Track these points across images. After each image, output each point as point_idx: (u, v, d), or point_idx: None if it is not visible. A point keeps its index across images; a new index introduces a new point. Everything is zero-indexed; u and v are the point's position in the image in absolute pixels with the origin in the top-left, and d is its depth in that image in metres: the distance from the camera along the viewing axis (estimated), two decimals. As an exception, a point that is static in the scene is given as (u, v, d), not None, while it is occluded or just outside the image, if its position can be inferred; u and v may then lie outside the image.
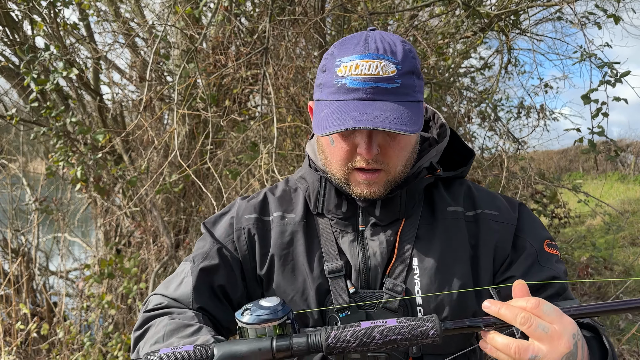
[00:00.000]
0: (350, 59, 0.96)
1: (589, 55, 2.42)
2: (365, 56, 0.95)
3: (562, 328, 0.75)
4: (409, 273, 1.03)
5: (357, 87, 0.94)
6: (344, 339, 0.79)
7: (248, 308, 0.85)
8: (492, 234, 1.06)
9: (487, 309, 0.78)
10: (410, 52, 0.99)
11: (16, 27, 3.40)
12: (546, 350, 0.74)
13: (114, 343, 3.25)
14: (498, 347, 0.76)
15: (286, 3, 2.86)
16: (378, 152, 0.97)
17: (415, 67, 1.00)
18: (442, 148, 1.12)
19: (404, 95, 0.95)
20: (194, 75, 2.85)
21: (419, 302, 1.01)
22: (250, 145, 3.00)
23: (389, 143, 0.98)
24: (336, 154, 1.01)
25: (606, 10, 2.70)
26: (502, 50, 3.52)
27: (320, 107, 1.00)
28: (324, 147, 1.05)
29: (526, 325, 0.74)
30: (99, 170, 3.36)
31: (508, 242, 1.06)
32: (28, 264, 4.11)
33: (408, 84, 0.97)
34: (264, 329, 0.84)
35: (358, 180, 1.01)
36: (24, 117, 3.70)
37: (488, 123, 4.27)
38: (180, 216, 3.86)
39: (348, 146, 0.98)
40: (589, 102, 2.49)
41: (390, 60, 0.95)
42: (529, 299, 0.77)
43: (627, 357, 3.85)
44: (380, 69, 0.94)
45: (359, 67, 0.94)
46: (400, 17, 3.46)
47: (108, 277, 3.45)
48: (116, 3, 3.75)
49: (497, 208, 1.10)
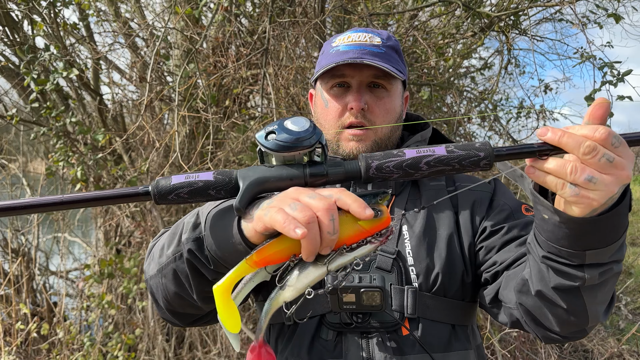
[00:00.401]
0: (343, 35, 1.19)
1: (589, 56, 2.42)
2: (356, 31, 1.19)
3: (626, 158, 0.70)
4: (400, 238, 1.10)
5: (349, 50, 1.12)
6: (387, 169, 0.73)
7: (272, 131, 0.72)
8: (470, 198, 1.15)
9: (543, 137, 0.71)
10: (393, 38, 1.20)
11: (16, 27, 3.40)
12: (606, 178, 0.68)
13: (114, 343, 3.25)
14: (550, 169, 0.70)
15: (286, 4, 2.86)
16: (366, 107, 1.11)
17: (398, 47, 1.20)
18: (427, 136, 1.24)
19: (388, 61, 1.12)
20: (194, 76, 2.85)
21: (411, 262, 1.07)
22: (251, 146, 3.00)
23: (376, 102, 1.13)
24: (330, 114, 1.15)
25: (607, 9, 2.70)
26: (502, 51, 3.52)
27: (318, 69, 1.17)
28: (319, 112, 1.19)
29: (590, 155, 0.67)
30: (99, 170, 3.36)
31: (485, 203, 1.15)
32: (28, 264, 4.11)
33: (392, 55, 1.15)
34: (292, 156, 0.73)
35: (347, 137, 1.13)
36: (24, 117, 3.69)
37: (488, 123, 4.27)
38: (180, 216, 3.86)
39: (340, 105, 1.14)
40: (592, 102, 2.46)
41: (376, 35, 1.17)
42: (597, 128, 0.68)
43: (627, 357, 3.85)
44: (368, 38, 1.16)
45: (351, 37, 1.17)
46: (400, 18, 3.46)
47: (108, 277, 3.45)
48: (116, 3, 3.75)
49: (474, 182, 1.20)
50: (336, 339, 1.04)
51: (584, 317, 0.86)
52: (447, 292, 1.07)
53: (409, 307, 1.03)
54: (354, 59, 1.08)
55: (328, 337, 1.04)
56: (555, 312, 0.88)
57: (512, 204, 1.14)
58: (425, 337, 1.03)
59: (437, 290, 1.06)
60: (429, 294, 1.05)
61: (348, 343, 1.03)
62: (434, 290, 1.06)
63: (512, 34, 3.16)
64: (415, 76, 3.21)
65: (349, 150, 1.13)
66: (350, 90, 1.14)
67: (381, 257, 1.06)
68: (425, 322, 1.04)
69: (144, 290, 3.44)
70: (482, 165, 0.72)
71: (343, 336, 1.04)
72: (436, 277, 1.06)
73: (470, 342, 1.10)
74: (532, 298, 0.90)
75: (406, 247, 1.08)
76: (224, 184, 0.73)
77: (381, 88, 1.14)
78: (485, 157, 0.72)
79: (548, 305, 0.88)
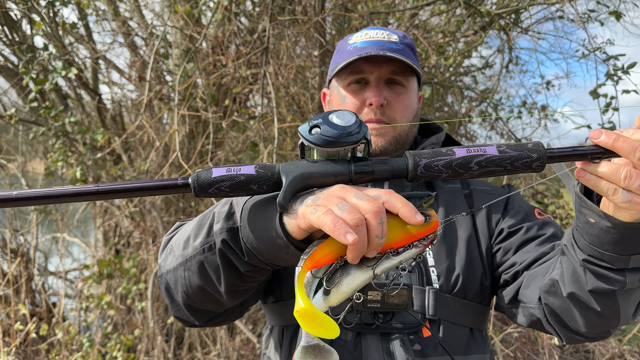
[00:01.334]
0: (360, 32, 1.18)
1: (594, 49, 2.39)
2: (373, 29, 1.18)
3: None
4: None
5: (367, 46, 1.11)
6: (436, 168, 0.69)
7: (317, 125, 0.69)
8: (486, 201, 1.14)
9: (596, 139, 0.68)
10: (408, 37, 1.20)
11: (15, 26, 3.38)
12: None
13: (113, 344, 3.24)
14: (604, 173, 0.68)
15: (286, 2, 2.84)
16: (385, 103, 1.10)
17: (413, 46, 1.19)
18: (441, 139, 1.23)
19: (407, 57, 1.12)
20: (193, 75, 2.83)
21: (431, 263, 1.06)
22: (251, 145, 2.98)
23: (395, 98, 1.12)
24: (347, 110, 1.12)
25: (608, 6, 2.69)
26: (503, 49, 3.51)
27: (334, 67, 1.17)
28: (335, 109, 1.12)
29: None
30: (98, 170, 3.34)
31: (500, 205, 1.15)
32: (27, 264, 4.09)
33: (408, 52, 1.15)
34: (337, 152, 0.71)
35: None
36: (23, 117, 3.68)
37: (489, 123, 4.25)
38: (179, 216, 3.85)
39: (358, 100, 1.12)
40: (597, 97, 2.42)
41: (393, 33, 1.17)
42: None
43: (628, 357, 3.83)
44: (385, 35, 1.15)
45: (368, 34, 1.15)
46: (401, 16, 3.45)
47: (107, 278, 3.44)
48: (115, 2, 3.73)
49: (489, 186, 1.22)
50: (355, 339, 1.02)
51: (616, 318, 0.87)
52: (466, 294, 1.06)
53: (430, 307, 1.02)
54: (377, 52, 1.08)
55: (347, 337, 1.02)
56: (586, 314, 0.88)
57: (526, 207, 1.15)
58: (446, 339, 1.02)
59: (457, 292, 1.05)
60: (450, 296, 1.05)
61: (368, 344, 1.01)
62: (455, 291, 1.05)
63: (514, 32, 3.15)
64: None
65: None
66: (368, 87, 1.12)
67: None
68: (445, 324, 1.03)
69: (143, 291, 3.42)
70: (534, 167, 0.69)
71: (362, 337, 1.02)
72: (457, 278, 1.05)
73: (486, 346, 1.09)
74: (561, 299, 0.90)
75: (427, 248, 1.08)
76: (267, 179, 0.70)
77: (399, 85, 1.14)
78: (538, 158, 0.69)
79: (579, 307, 0.88)
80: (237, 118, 3.00)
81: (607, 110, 2.39)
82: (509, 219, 1.11)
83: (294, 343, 1.09)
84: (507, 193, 1.18)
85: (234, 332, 3.50)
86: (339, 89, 1.16)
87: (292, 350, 1.08)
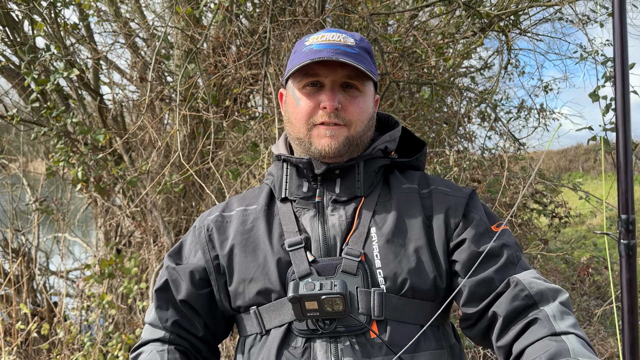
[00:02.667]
0: (317, 34, 1.16)
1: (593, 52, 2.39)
2: (329, 31, 1.16)
3: None
4: (367, 240, 1.08)
5: (323, 49, 1.10)
6: None
7: None
8: (444, 202, 1.13)
9: None
10: (365, 40, 1.19)
11: (16, 27, 3.40)
12: None
13: (114, 343, 3.25)
14: None
15: (287, 3, 2.86)
16: (339, 106, 1.09)
17: (370, 49, 1.18)
18: (396, 136, 1.23)
19: (362, 62, 1.10)
20: (194, 76, 2.85)
21: (378, 265, 1.06)
22: (251, 146, 3.00)
23: (349, 101, 1.11)
24: (301, 112, 1.12)
25: (607, 7, 2.70)
26: (502, 51, 3.53)
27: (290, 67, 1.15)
28: (290, 111, 1.17)
29: None
30: (99, 170, 3.35)
31: (460, 210, 1.13)
32: (28, 264, 4.11)
33: (365, 56, 1.13)
34: None
35: (320, 134, 1.11)
36: (24, 118, 3.69)
37: (488, 123, 4.27)
38: (180, 216, 3.86)
39: (312, 103, 1.11)
40: (597, 99, 2.39)
41: (349, 36, 1.15)
42: None
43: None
44: (341, 38, 1.13)
45: (324, 37, 1.13)
46: (401, 17, 3.46)
47: (108, 277, 3.45)
48: (116, 3, 3.75)
49: (449, 186, 1.19)
50: (304, 345, 1.03)
51: None
52: (415, 294, 1.06)
53: (376, 309, 1.02)
54: (329, 57, 1.06)
55: (297, 344, 1.04)
56: None
57: (486, 220, 1.12)
58: (393, 338, 1.02)
59: (405, 292, 1.05)
60: (397, 296, 1.04)
61: (316, 349, 1.02)
62: (402, 292, 1.05)
63: (512, 33, 3.16)
64: (415, 76, 3.21)
65: (321, 147, 1.10)
66: (323, 90, 1.11)
67: (347, 260, 1.05)
68: (392, 324, 1.03)
69: (144, 290, 3.44)
70: None
71: (312, 342, 1.03)
72: (404, 280, 1.04)
73: (441, 341, 1.08)
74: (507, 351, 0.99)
75: (374, 250, 1.07)
76: None
77: (354, 89, 1.12)
78: None
79: None
80: (237, 118, 3.02)
81: (607, 112, 2.37)
82: (469, 231, 1.09)
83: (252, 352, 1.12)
84: (466, 196, 1.15)
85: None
86: (294, 90, 1.15)
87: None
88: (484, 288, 1.03)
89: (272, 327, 1.06)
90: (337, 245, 1.09)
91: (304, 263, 1.06)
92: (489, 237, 1.07)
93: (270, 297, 1.08)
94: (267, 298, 1.08)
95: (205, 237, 1.18)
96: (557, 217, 4.63)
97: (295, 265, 1.06)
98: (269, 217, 1.17)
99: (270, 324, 1.07)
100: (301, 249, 1.08)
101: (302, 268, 1.05)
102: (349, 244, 1.08)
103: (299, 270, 1.05)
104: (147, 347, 1.13)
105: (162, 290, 1.17)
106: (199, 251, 1.18)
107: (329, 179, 1.15)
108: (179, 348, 1.13)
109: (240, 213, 1.20)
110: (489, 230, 1.10)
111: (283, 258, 1.08)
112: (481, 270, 1.04)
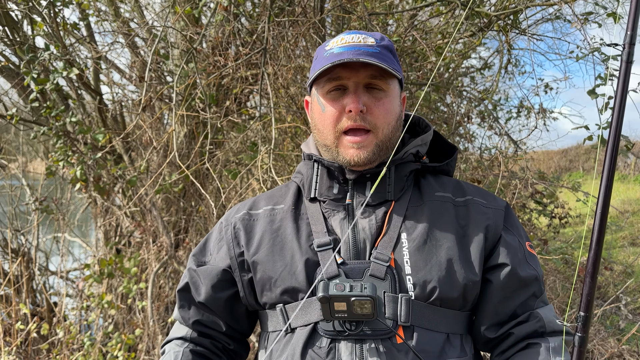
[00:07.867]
0: (337, 37, 1.15)
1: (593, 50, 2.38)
2: (349, 33, 1.15)
3: None
4: (397, 245, 1.08)
5: (343, 51, 1.09)
6: None
7: None
8: (483, 215, 1.13)
9: None
10: (386, 38, 1.17)
11: (16, 26, 3.40)
12: None
13: (114, 343, 3.25)
14: None
15: (285, 3, 2.86)
16: (364, 109, 1.08)
17: (392, 47, 1.17)
18: (428, 140, 1.22)
19: (384, 60, 1.09)
20: (193, 76, 2.85)
21: (408, 272, 1.06)
22: (250, 146, 3.00)
23: (374, 103, 1.10)
24: (327, 118, 1.12)
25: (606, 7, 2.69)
26: (501, 51, 3.52)
27: (312, 74, 1.15)
28: (316, 118, 1.16)
29: None
30: (98, 170, 3.35)
31: (499, 223, 1.13)
32: (28, 264, 4.11)
33: (386, 54, 1.12)
34: None
35: (347, 145, 1.10)
36: (23, 117, 3.69)
37: (488, 123, 4.27)
38: (180, 216, 3.86)
39: (337, 108, 1.10)
40: (596, 97, 2.39)
41: (370, 36, 1.14)
42: None
43: (627, 357, 3.84)
44: (361, 39, 1.12)
45: (344, 39, 1.13)
46: (400, 17, 3.46)
47: (108, 277, 3.46)
48: (116, 3, 3.75)
49: (485, 197, 1.18)
50: (329, 345, 1.04)
51: None
52: (443, 302, 1.06)
53: (402, 315, 1.02)
54: (350, 58, 1.05)
55: (322, 344, 1.04)
56: None
57: (522, 240, 1.15)
58: (420, 344, 1.02)
59: (433, 300, 1.05)
60: (424, 303, 1.05)
61: (341, 350, 1.03)
62: (430, 301, 1.05)
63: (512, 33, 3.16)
64: (414, 76, 3.21)
65: (349, 157, 1.10)
66: (347, 93, 1.10)
67: (375, 264, 1.05)
68: (419, 331, 1.03)
69: (144, 290, 3.44)
70: None
71: (337, 343, 1.04)
72: (433, 289, 1.05)
73: (465, 350, 1.09)
74: None
75: (404, 256, 1.07)
76: None
77: (378, 89, 1.11)
78: None
79: None
80: (234, 119, 3.02)
81: (606, 110, 2.36)
82: (509, 256, 1.11)
83: (275, 350, 1.13)
84: (503, 208, 1.16)
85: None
86: (318, 97, 1.15)
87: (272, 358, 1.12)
88: (506, 319, 1.11)
89: (298, 325, 1.07)
90: (367, 249, 1.09)
91: (333, 264, 1.06)
92: (526, 263, 1.12)
93: (296, 296, 1.09)
94: (294, 297, 1.09)
95: (231, 233, 1.19)
96: (556, 217, 4.63)
97: (324, 265, 1.07)
98: (296, 216, 1.17)
99: (295, 323, 1.07)
100: (329, 250, 1.08)
101: (330, 269, 1.06)
102: (378, 248, 1.08)
103: (327, 271, 1.06)
104: (168, 346, 1.21)
105: (183, 291, 1.21)
106: (223, 246, 1.20)
107: (359, 182, 1.15)
108: (195, 349, 1.18)
109: (267, 212, 1.21)
110: (526, 256, 1.13)
111: (311, 258, 1.09)
112: (510, 299, 1.10)
